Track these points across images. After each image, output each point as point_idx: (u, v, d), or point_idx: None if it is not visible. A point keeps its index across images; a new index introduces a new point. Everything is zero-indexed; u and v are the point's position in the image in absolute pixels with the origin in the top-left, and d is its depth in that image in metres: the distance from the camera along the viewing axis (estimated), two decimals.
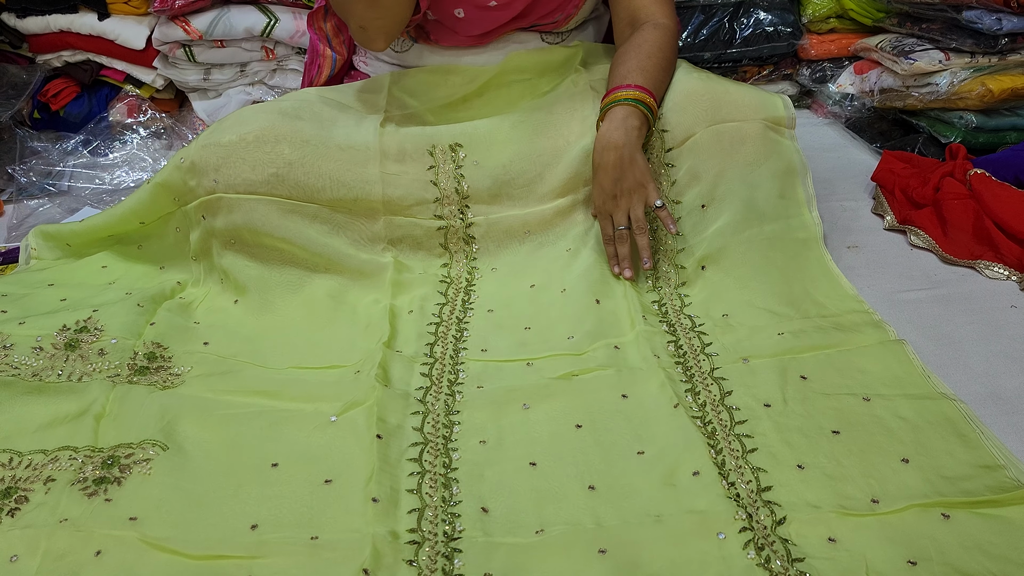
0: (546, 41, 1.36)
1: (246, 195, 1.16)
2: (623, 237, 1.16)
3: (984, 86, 1.61)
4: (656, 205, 1.13)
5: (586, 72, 1.32)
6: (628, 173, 1.14)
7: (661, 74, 1.21)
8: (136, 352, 1.07)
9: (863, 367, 1.00)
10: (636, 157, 1.14)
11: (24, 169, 1.64)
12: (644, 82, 1.17)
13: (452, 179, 1.24)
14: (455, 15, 1.26)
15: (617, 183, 1.15)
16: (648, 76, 1.18)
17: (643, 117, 1.16)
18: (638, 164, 1.14)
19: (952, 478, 0.84)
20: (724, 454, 0.89)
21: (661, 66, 1.21)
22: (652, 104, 1.17)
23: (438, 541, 0.81)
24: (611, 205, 1.16)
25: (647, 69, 1.19)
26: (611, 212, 1.16)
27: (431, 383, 1.03)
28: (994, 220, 1.28)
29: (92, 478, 0.87)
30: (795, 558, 0.77)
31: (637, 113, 1.15)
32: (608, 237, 1.18)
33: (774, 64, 2.00)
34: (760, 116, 1.23)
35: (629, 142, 1.14)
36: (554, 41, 1.36)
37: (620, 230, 1.16)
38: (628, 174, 1.14)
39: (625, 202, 1.15)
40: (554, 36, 1.36)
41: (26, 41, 1.84)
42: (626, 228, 1.16)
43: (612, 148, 1.14)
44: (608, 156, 1.14)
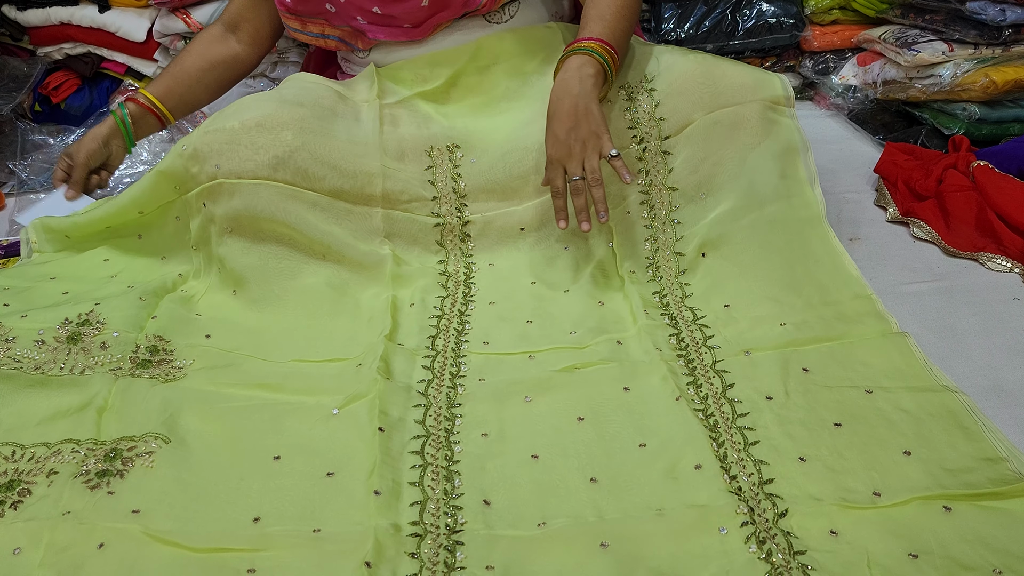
0: (492, 22, 1.33)
1: (248, 180, 1.16)
2: (578, 188, 1.11)
3: (987, 77, 1.60)
4: (611, 155, 1.09)
5: None
6: (583, 122, 1.10)
7: (622, 23, 1.18)
8: (138, 345, 1.07)
9: (865, 359, 1.00)
10: (591, 106, 1.10)
11: (25, 164, 1.64)
12: (602, 32, 1.15)
13: (449, 179, 1.24)
14: (373, 12, 1.27)
15: (571, 132, 1.10)
16: (607, 25, 1.16)
17: (599, 66, 1.13)
18: (593, 113, 1.10)
19: (954, 471, 0.84)
20: (726, 447, 0.90)
21: (621, 15, 1.18)
22: (609, 53, 1.14)
23: (440, 534, 0.81)
24: (564, 155, 1.11)
25: (605, 18, 1.16)
26: (564, 162, 1.11)
27: (433, 376, 1.03)
28: (997, 212, 1.28)
29: (95, 471, 0.87)
30: (797, 551, 0.77)
31: (592, 62, 1.13)
32: (558, 190, 1.12)
33: (777, 56, 2.00)
34: (758, 97, 1.22)
35: (584, 91, 1.11)
36: (499, 20, 1.34)
37: (574, 180, 1.10)
38: (583, 123, 1.10)
39: (579, 152, 1.10)
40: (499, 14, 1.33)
41: (27, 34, 1.83)
42: (580, 179, 1.10)
43: (567, 96, 1.11)
44: (562, 104, 1.11)
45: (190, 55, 1.43)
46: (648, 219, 1.22)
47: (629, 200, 1.23)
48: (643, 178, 1.22)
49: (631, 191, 1.23)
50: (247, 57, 1.46)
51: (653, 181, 1.22)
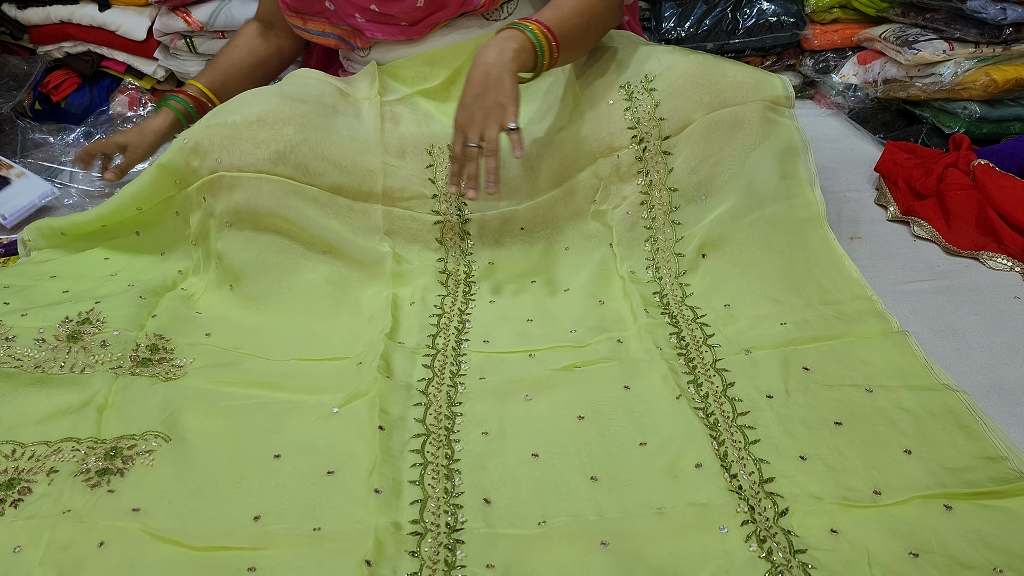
0: (490, 20, 1.33)
1: (249, 173, 1.16)
2: (471, 156, 1.10)
3: (988, 76, 1.60)
4: (510, 127, 1.08)
5: None
6: (491, 92, 1.08)
7: (576, 19, 1.16)
8: (139, 344, 1.07)
9: (866, 358, 1.00)
10: (504, 78, 1.08)
11: (25, 162, 1.64)
12: (549, 19, 1.14)
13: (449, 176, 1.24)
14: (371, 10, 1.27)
15: (477, 99, 1.09)
16: (557, 15, 1.15)
17: (526, 42, 1.11)
18: (504, 85, 1.08)
19: (955, 469, 0.84)
20: (726, 445, 0.90)
21: (578, 11, 1.16)
22: (546, 37, 1.12)
23: (440, 532, 0.81)
24: (466, 121, 1.10)
25: (560, 8, 1.16)
26: (465, 129, 1.10)
27: (433, 375, 1.03)
28: (998, 211, 1.28)
29: (95, 469, 0.87)
30: (797, 550, 0.77)
31: (519, 36, 1.11)
32: (455, 154, 1.11)
33: (777, 54, 2.00)
34: (758, 98, 1.22)
35: (501, 62, 1.09)
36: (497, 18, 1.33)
37: (470, 147, 1.09)
38: (491, 93, 1.08)
39: (481, 120, 1.09)
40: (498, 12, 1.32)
41: (27, 32, 1.83)
42: (476, 147, 1.09)
43: (481, 64, 1.10)
44: (476, 71, 1.10)
45: (239, 50, 1.47)
46: (648, 219, 1.22)
47: (629, 200, 1.22)
48: (643, 178, 1.22)
49: (632, 191, 1.23)
50: (290, 50, 1.51)
51: (653, 181, 1.22)
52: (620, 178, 1.23)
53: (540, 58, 1.13)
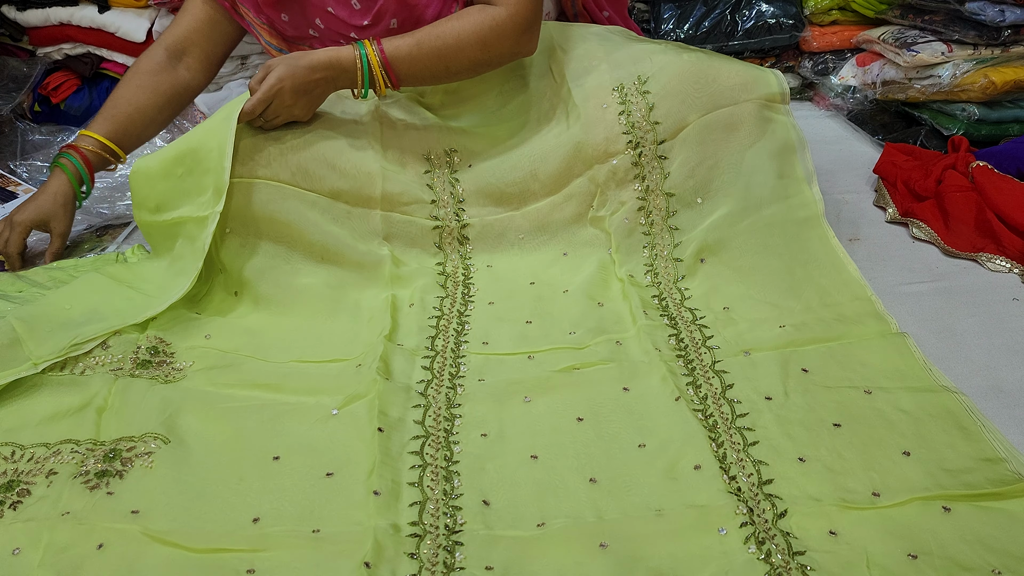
0: None
1: (247, 179, 1.16)
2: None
3: (987, 78, 1.60)
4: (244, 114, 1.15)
5: (564, 57, 1.30)
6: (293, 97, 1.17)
7: (431, 54, 1.17)
8: (139, 346, 1.07)
9: (864, 360, 1.00)
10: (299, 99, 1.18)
11: (25, 164, 1.64)
12: (392, 51, 1.16)
13: (447, 183, 1.24)
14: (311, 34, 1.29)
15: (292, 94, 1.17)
16: (407, 48, 1.17)
17: (338, 69, 1.17)
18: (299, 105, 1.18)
19: (953, 471, 0.84)
20: (725, 447, 0.90)
21: (435, 47, 1.17)
22: (380, 66, 1.17)
23: (439, 534, 0.81)
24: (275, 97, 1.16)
25: (421, 42, 1.17)
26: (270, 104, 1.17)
27: (432, 376, 1.03)
28: (996, 212, 1.28)
29: (94, 471, 0.87)
30: (796, 551, 0.77)
31: (337, 62, 1.17)
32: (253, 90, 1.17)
33: (776, 56, 2.00)
34: (753, 96, 1.21)
35: (294, 80, 1.16)
36: None
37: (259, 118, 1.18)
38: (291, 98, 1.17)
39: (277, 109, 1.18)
40: None
41: (26, 34, 1.83)
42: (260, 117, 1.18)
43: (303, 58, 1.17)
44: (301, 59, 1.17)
45: (141, 91, 1.33)
46: (646, 225, 1.22)
47: (627, 206, 1.22)
48: (640, 183, 1.22)
49: (629, 197, 1.22)
50: (198, 84, 1.39)
51: (650, 187, 1.22)
52: (617, 184, 1.23)
53: (364, 85, 1.19)
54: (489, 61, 1.21)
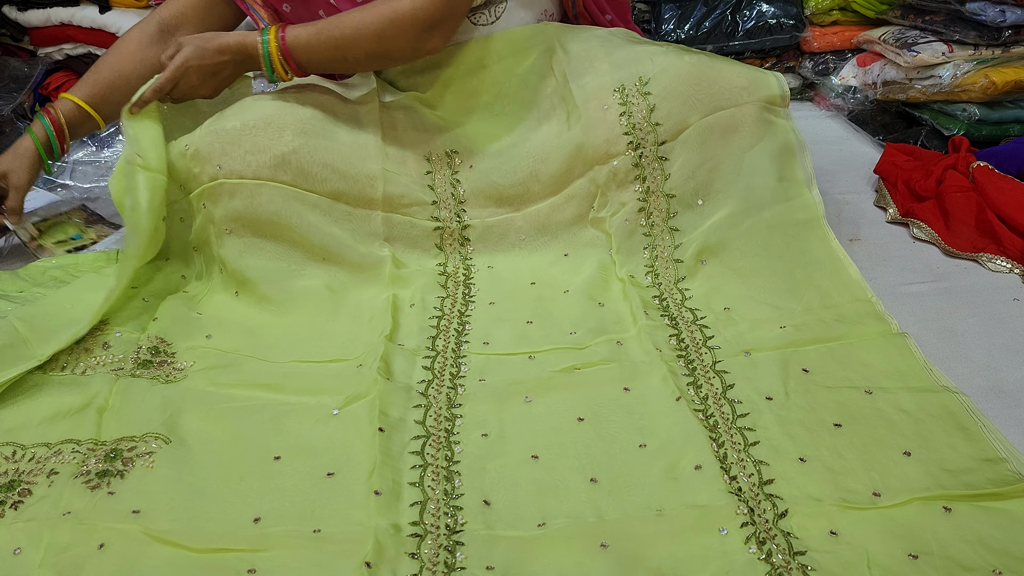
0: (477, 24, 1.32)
1: (249, 180, 1.16)
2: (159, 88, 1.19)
3: (987, 78, 1.60)
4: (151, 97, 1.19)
5: (565, 58, 1.30)
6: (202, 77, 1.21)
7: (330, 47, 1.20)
8: (140, 346, 1.07)
9: (865, 360, 1.00)
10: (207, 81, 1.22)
11: None
12: (293, 39, 1.19)
13: (448, 184, 1.24)
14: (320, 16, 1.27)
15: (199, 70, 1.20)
16: (307, 38, 1.19)
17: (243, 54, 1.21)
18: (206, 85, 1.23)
19: (954, 471, 0.84)
20: (726, 447, 0.90)
21: (333, 37, 1.19)
22: (279, 55, 1.20)
23: (440, 534, 0.81)
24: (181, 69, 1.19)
25: (320, 32, 1.19)
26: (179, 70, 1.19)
27: (433, 376, 1.03)
28: (997, 213, 1.28)
29: (95, 471, 0.87)
30: (796, 551, 0.77)
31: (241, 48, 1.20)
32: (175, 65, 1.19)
33: (776, 56, 2.00)
34: (754, 98, 1.21)
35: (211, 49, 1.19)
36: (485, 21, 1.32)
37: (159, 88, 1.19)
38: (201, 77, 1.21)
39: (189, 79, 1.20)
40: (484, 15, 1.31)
41: (27, 34, 1.83)
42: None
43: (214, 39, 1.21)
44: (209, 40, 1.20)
45: (126, 59, 1.32)
46: (646, 227, 1.22)
47: (627, 207, 1.22)
48: (640, 184, 1.22)
49: (629, 198, 1.23)
50: None
51: (650, 188, 1.22)
52: (617, 185, 1.23)
53: (267, 71, 1.21)
54: (387, 54, 1.22)
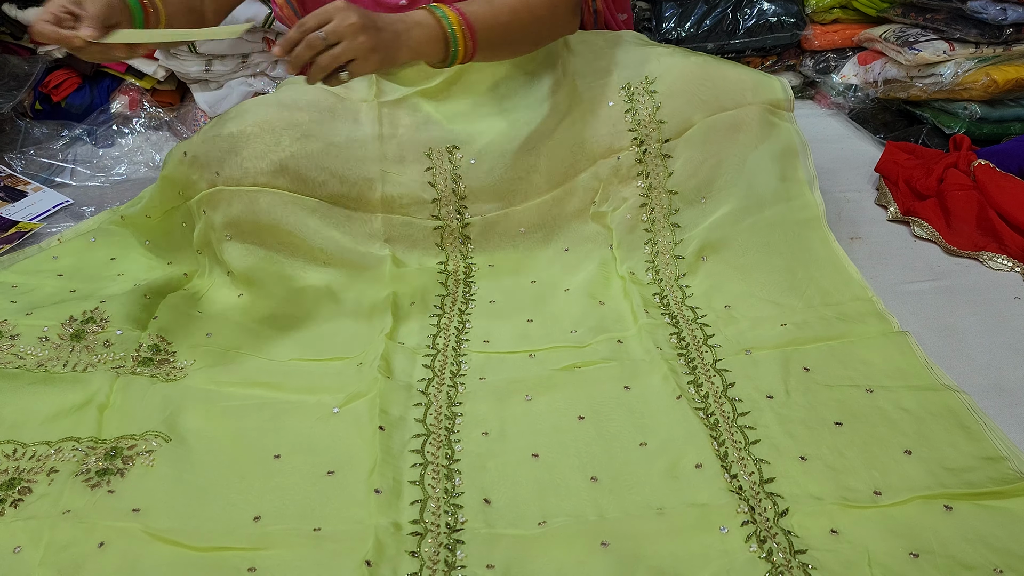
0: None
1: (248, 187, 1.16)
2: (313, 44, 0.93)
3: (989, 76, 1.60)
4: (343, 75, 0.94)
5: (572, 57, 1.30)
6: (374, 32, 0.95)
7: (507, 18, 1.07)
8: (141, 344, 1.07)
9: (866, 358, 1.00)
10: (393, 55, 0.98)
11: (21, 157, 1.64)
12: (472, 14, 1.04)
13: (449, 180, 1.24)
14: None
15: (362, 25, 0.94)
16: (483, 12, 1.06)
17: (438, 34, 1.02)
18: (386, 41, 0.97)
19: (955, 470, 0.84)
20: (727, 446, 0.89)
21: (512, 11, 1.08)
22: (463, 30, 1.03)
23: (440, 532, 0.81)
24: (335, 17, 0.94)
25: (495, 3, 1.07)
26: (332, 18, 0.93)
27: (433, 375, 1.03)
28: (998, 211, 1.28)
29: (95, 469, 0.87)
30: (797, 550, 0.77)
31: (432, 26, 1.01)
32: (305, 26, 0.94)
33: (777, 55, 1.99)
34: (758, 100, 1.22)
35: (394, 48, 0.98)
36: None
37: (317, 35, 0.92)
38: (373, 32, 0.95)
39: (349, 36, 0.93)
40: None
41: (27, 32, 1.83)
42: (323, 38, 0.92)
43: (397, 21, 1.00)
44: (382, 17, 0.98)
45: None
46: (648, 222, 1.22)
47: (629, 203, 1.22)
48: (643, 180, 1.22)
49: (631, 194, 1.22)
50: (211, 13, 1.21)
51: (653, 184, 1.22)
52: (620, 180, 1.23)
53: (452, 52, 1.04)
54: (553, 28, 1.16)
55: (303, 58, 0.94)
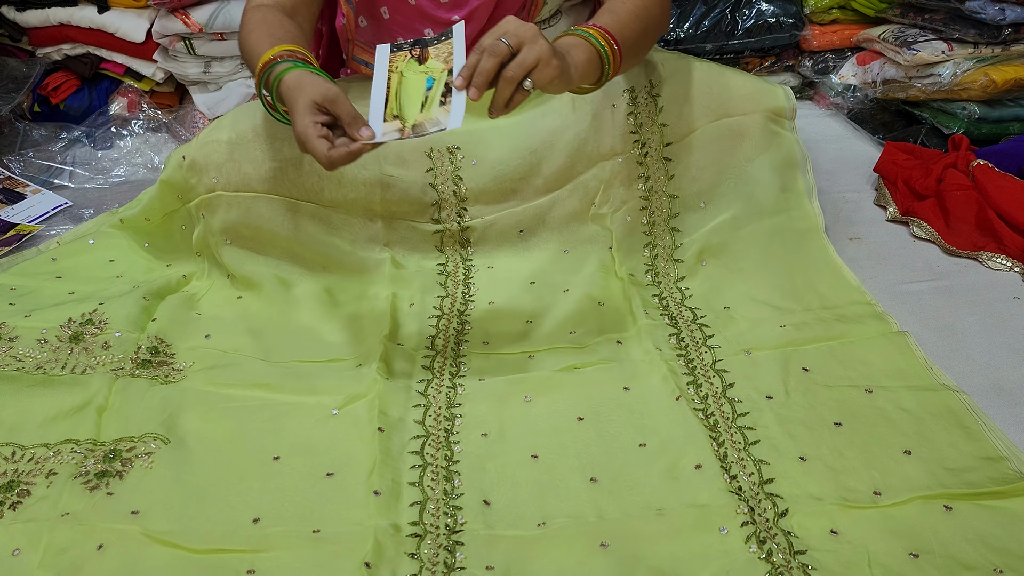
0: None
1: (246, 192, 1.16)
2: (498, 52, 0.87)
3: (987, 76, 1.60)
4: (527, 86, 0.88)
5: None
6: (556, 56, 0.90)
7: (634, 24, 1.03)
8: (140, 346, 1.07)
9: (865, 359, 1.00)
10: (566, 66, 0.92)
11: (20, 159, 1.64)
12: (608, 23, 0.99)
13: (450, 181, 1.24)
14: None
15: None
16: (615, 22, 1.01)
17: (592, 53, 0.96)
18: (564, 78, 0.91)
19: (955, 470, 0.84)
20: (726, 446, 0.89)
21: (635, 15, 1.03)
22: (608, 42, 0.97)
23: (440, 534, 0.81)
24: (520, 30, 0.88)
25: (616, 13, 1.02)
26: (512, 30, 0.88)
27: (432, 376, 1.03)
28: (997, 211, 1.28)
29: (94, 471, 0.87)
30: (797, 551, 0.77)
31: (584, 46, 0.96)
32: (483, 45, 0.88)
33: (776, 55, 1.99)
34: (761, 108, 1.22)
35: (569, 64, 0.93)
36: None
37: (501, 42, 0.87)
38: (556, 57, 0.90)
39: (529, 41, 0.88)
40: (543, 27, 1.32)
41: (26, 34, 1.83)
42: (507, 45, 0.87)
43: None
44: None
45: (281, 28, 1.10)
46: (647, 225, 1.22)
47: (629, 205, 1.22)
48: (643, 183, 1.22)
49: (631, 196, 1.22)
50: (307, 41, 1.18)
51: (653, 187, 1.22)
52: (620, 182, 1.22)
53: (605, 70, 0.98)
54: (661, 29, 1.10)
55: (490, 71, 0.88)
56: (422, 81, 0.95)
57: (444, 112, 0.92)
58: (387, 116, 0.95)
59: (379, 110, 0.95)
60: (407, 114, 0.94)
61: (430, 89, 0.94)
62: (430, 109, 0.93)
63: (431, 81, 0.94)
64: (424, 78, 0.95)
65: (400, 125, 0.93)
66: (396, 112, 0.94)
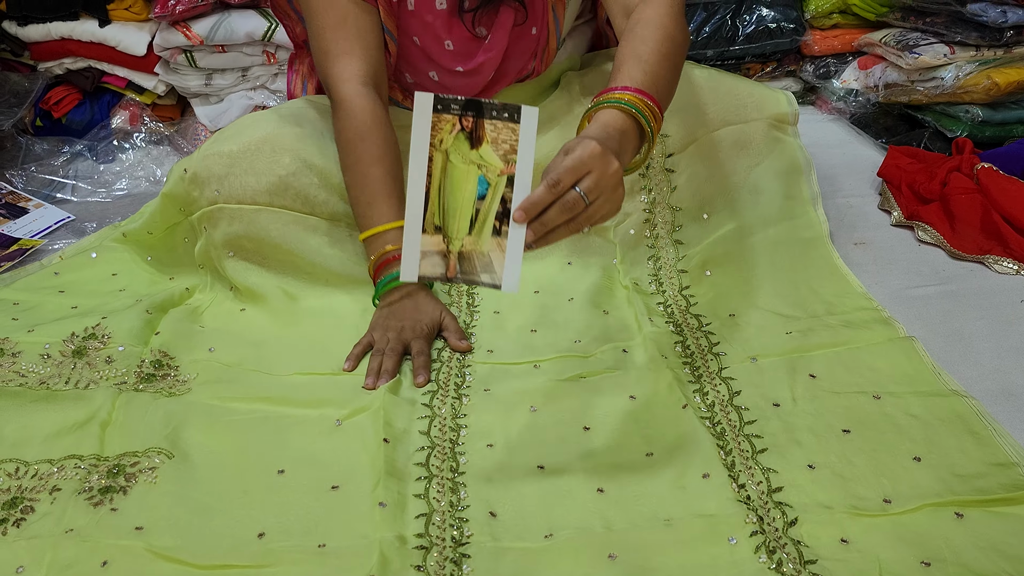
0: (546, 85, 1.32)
1: (248, 205, 1.16)
2: (570, 204, 0.78)
3: (990, 79, 1.60)
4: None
5: (579, 78, 1.30)
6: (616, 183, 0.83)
7: (665, 65, 0.96)
8: (143, 360, 1.07)
9: (873, 365, 1.00)
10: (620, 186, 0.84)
11: (22, 173, 1.64)
12: (642, 81, 0.92)
13: None
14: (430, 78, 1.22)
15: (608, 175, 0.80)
16: (647, 70, 0.93)
17: (630, 126, 0.89)
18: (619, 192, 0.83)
19: (965, 476, 0.83)
20: (734, 455, 0.89)
21: (664, 54, 0.96)
22: (648, 107, 0.90)
23: (446, 546, 0.80)
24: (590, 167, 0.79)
25: (644, 60, 0.94)
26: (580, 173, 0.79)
27: (438, 387, 1.02)
28: (1002, 214, 1.27)
29: (98, 487, 0.87)
30: (807, 560, 0.76)
31: (622, 120, 0.88)
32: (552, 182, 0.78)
33: (777, 61, 1.99)
34: (764, 115, 1.21)
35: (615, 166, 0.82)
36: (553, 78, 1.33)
37: (575, 190, 0.78)
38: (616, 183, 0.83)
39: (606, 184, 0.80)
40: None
41: (27, 49, 1.83)
42: (582, 196, 0.78)
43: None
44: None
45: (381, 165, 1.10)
46: (651, 238, 1.22)
47: (632, 218, 1.22)
48: (646, 195, 1.22)
49: (634, 209, 1.22)
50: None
51: (656, 199, 1.22)
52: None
53: (649, 135, 0.91)
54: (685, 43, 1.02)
55: (555, 224, 0.78)
56: (474, 181, 0.78)
57: (498, 249, 0.77)
58: (427, 225, 0.79)
59: (418, 211, 0.78)
60: (452, 230, 0.79)
61: (482, 199, 0.78)
62: (481, 234, 0.78)
63: (484, 185, 0.77)
64: (476, 176, 0.78)
65: (443, 247, 0.79)
66: (439, 222, 0.79)
